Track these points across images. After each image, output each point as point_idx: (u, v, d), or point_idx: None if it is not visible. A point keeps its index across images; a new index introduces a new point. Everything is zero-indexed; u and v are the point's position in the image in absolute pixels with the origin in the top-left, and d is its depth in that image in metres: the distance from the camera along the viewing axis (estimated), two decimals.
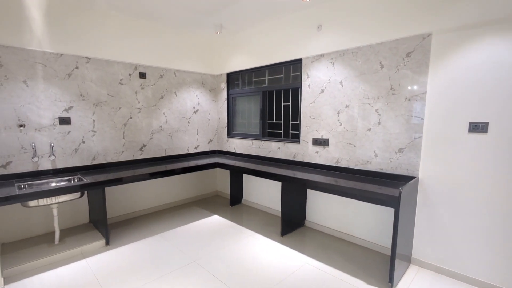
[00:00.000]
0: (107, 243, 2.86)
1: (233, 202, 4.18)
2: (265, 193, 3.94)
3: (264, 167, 3.35)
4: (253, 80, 4.10)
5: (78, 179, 2.87)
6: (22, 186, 2.59)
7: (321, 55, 3.07)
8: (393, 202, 2.13)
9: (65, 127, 2.99)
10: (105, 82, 3.25)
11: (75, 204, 3.15)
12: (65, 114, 2.98)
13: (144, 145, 3.69)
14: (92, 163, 3.22)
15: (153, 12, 3.24)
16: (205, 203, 4.27)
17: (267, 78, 3.89)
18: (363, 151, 2.80)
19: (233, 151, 4.35)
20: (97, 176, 2.92)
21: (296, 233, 3.21)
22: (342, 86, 2.92)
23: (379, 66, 2.62)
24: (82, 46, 3.04)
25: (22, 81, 2.70)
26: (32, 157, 2.77)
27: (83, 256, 2.64)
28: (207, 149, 4.50)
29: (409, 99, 2.45)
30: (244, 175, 4.23)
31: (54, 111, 2.91)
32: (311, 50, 3.15)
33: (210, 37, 4.26)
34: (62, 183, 2.78)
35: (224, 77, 4.37)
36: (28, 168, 2.79)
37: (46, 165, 2.89)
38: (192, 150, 4.28)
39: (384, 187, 2.39)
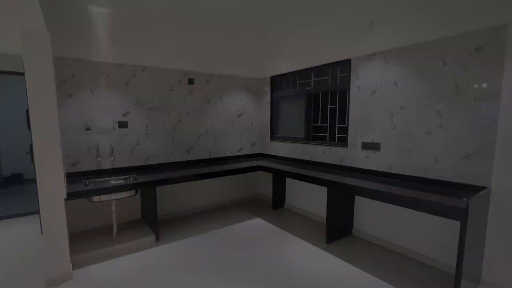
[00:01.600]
0: (157, 239, 3.04)
1: (275, 206, 4.15)
2: (309, 198, 3.82)
3: (308, 171, 3.26)
4: (297, 82, 4.03)
5: (133, 178, 3.10)
6: (87, 183, 2.88)
7: (372, 54, 2.89)
8: (459, 215, 1.89)
9: (123, 130, 3.26)
10: (157, 88, 3.48)
11: (129, 201, 3.41)
12: (123, 119, 3.25)
13: (191, 148, 3.86)
14: (145, 164, 3.46)
15: (202, 19, 3.38)
16: (247, 206, 4.30)
17: (312, 80, 3.79)
18: (420, 156, 2.56)
19: (276, 154, 4.33)
20: (150, 176, 3.12)
21: (342, 242, 3.05)
22: (396, 87, 2.71)
23: (441, 63, 2.37)
24: (139, 56, 3.29)
25: (90, 90, 3.02)
26: (96, 157, 3.07)
27: (137, 249, 2.83)
28: (250, 152, 4.54)
29: (479, 99, 2.17)
30: (287, 179, 4.17)
31: (114, 116, 3.19)
32: (361, 49, 2.99)
33: (255, 41, 4.31)
34: (120, 181, 3.02)
35: (268, 81, 4.38)
36: (92, 167, 3.09)
37: (106, 164, 3.18)
38: (235, 153, 4.35)
39: (447, 197, 2.14)
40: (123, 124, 3.25)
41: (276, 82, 4.33)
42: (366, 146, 3.03)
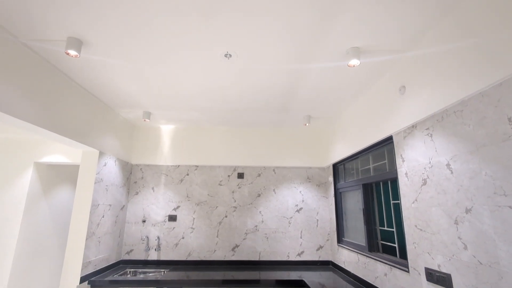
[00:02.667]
0: None
1: None
2: None
3: None
4: (359, 169, 3.17)
5: (162, 273, 3.15)
6: (128, 272, 3.19)
7: (413, 125, 1.94)
8: None
9: (172, 223, 3.58)
10: (207, 184, 3.74)
11: None
12: (173, 212, 3.61)
13: (237, 246, 3.58)
14: (187, 259, 3.48)
15: (247, 120, 3.59)
16: None
17: (371, 166, 2.88)
18: None
19: (343, 266, 3.21)
20: (188, 273, 3.06)
21: None
22: (451, 172, 1.58)
23: (509, 123, 1.23)
24: (193, 157, 3.80)
25: (151, 188, 3.68)
26: (145, 247, 3.44)
27: None
28: (316, 257, 3.63)
29: None
30: None
31: (166, 210, 3.62)
32: (399, 121, 2.09)
33: (307, 129, 3.98)
34: (150, 275, 3.15)
35: (330, 169, 3.72)
36: (142, 256, 3.45)
37: (152, 255, 3.46)
38: (293, 257, 3.60)
39: None
40: (172, 218, 3.59)
41: (338, 170, 3.59)
42: (431, 276, 1.72)
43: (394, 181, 2.40)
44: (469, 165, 1.45)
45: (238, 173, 3.81)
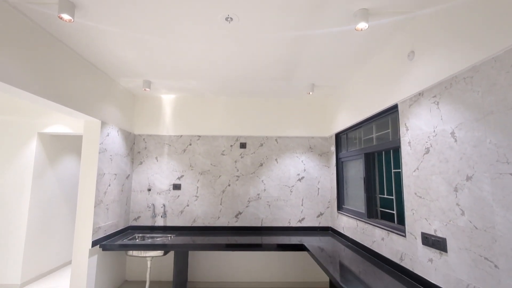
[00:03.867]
0: None
1: None
2: None
3: (363, 269, 2.25)
4: (362, 139, 3.16)
5: (169, 238, 3.31)
6: (136, 237, 3.35)
7: (419, 93, 1.89)
8: None
9: (176, 192, 3.68)
10: (209, 154, 3.78)
11: (166, 260, 3.58)
12: (177, 182, 3.70)
13: (240, 213, 3.71)
14: (192, 225, 3.63)
15: (250, 90, 3.52)
16: None
17: (374, 135, 2.87)
18: None
19: (342, 231, 3.34)
20: (191, 238, 3.22)
21: None
22: (455, 140, 1.56)
23: None
24: (195, 127, 3.79)
25: (155, 158, 3.73)
26: (151, 214, 3.58)
27: None
28: (316, 224, 3.77)
29: None
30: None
31: (171, 179, 3.70)
32: (406, 88, 2.04)
33: (310, 98, 3.91)
34: (158, 240, 3.31)
35: (333, 139, 3.72)
36: (149, 223, 3.60)
37: (159, 222, 3.61)
38: (294, 223, 3.74)
39: None
40: (176, 186, 3.68)
41: (341, 140, 3.59)
42: (427, 240, 1.79)
43: (396, 151, 2.40)
44: (474, 133, 1.43)
45: (241, 143, 3.82)
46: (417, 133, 1.91)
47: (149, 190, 3.66)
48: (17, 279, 3.44)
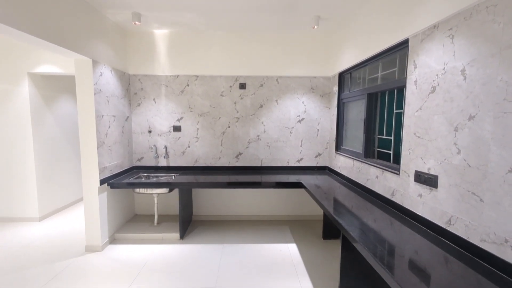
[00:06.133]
0: (181, 237, 3.25)
1: (326, 235, 3.35)
2: None
3: (356, 203, 2.40)
4: (367, 78, 3.04)
5: (173, 177, 3.46)
6: (141, 176, 3.51)
7: (434, 25, 1.73)
8: None
9: (177, 133, 3.71)
10: (208, 95, 3.68)
11: (170, 197, 3.82)
12: (177, 123, 3.70)
13: (240, 153, 3.81)
14: (194, 165, 3.77)
15: (249, 23, 3.23)
16: (299, 227, 3.72)
17: (379, 74, 2.75)
18: (500, 216, 1.29)
19: (338, 170, 3.48)
20: (194, 177, 3.38)
21: None
22: (464, 78, 1.49)
23: None
24: (192, 67, 3.61)
25: (152, 99, 3.65)
26: (154, 155, 3.68)
27: (161, 242, 3.16)
28: (313, 163, 3.90)
29: None
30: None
31: (170, 121, 3.69)
32: (419, 21, 1.86)
33: (315, 34, 3.63)
34: (162, 179, 3.47)
35: (336, 79, 3.58)
36: (152, 163, 3.73)
37: (162, 162, 3.73)
38: (293, 163, 3.88)
39: None
40: (177, 128, 3.70)
41: (344, 80, 3.46)
42: (419, 178, 1.87)
43: (401, 91, 2.32)
44: (486, 70, 1.35)
45: (240, 84, 3.70)
46: (425, 71, 1.81)
47: (150, 132, 3.69)
48: (35, 213, 3.73)
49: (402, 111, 2.10)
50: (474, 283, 1.20)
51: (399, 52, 2.26)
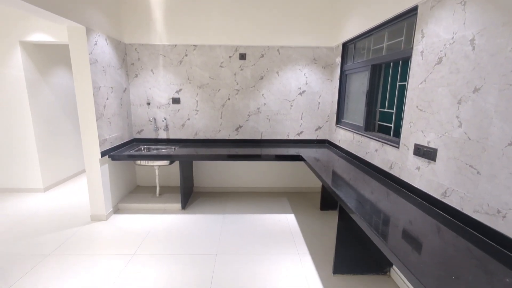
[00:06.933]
0: (183, 208, 3.35)
1: (324, 207, 3.45)
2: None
3: (354, 176, 2.44)
4: (371, 49, 2.94)
5: (173, 150, 3.48)
6: (142, 148, 3.53)
7: None
8: None
9: (176, 105, 3.67)
10: (207, 66, 3.58)
11: (171, 169, 3.87)
12: (176, 95, 3.64)
13: (240, 126, 3.80)
14: (194, 138, 3.77)
15: None
16: (297, 198, 3.82)
17: (385, 44, 2.65)
18: (495, 188, 1.31)
19: (338, 144, 3.49)
20: (196, 149, 3.39)
21: None
22: (473, 49, 1.44)
23: None
24: (190, 35, 3.47)
25: (150, 70, 3.56)
26: (154, 127, 3.67)
27: (163, 212, 3.27)
28: (313, 137, 3.90)
29: None
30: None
31: (169, 93, 3.63)
32: None
33: (317, 0, 3.44)
34: (163, 151, 3.49)
35: (339, 49, 3.46)
36: (152, 136, 3.73)
37: (162, 135, 3.73)
38: (293, 137, 3.88)
39: None
40: (176, 100, 3.65)
41: (348, 50, 3.34)
42: (419, 151, 1.87)
43: (406, 62, 2.25)
44: (496, 40, 1.30)
45: (240, 54, 3.58)
46: (433, 40, 1.74)
47: (149, 104, 3.64)
48: (39, 183, 3.81)
49: (406, 83, 2.06)
50: (464, 250, 1.26)
51: (406, 20, 2.15)
